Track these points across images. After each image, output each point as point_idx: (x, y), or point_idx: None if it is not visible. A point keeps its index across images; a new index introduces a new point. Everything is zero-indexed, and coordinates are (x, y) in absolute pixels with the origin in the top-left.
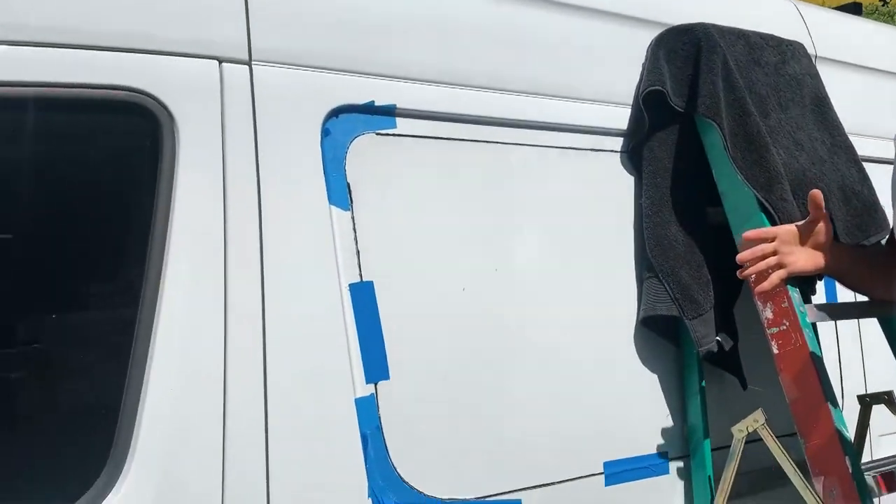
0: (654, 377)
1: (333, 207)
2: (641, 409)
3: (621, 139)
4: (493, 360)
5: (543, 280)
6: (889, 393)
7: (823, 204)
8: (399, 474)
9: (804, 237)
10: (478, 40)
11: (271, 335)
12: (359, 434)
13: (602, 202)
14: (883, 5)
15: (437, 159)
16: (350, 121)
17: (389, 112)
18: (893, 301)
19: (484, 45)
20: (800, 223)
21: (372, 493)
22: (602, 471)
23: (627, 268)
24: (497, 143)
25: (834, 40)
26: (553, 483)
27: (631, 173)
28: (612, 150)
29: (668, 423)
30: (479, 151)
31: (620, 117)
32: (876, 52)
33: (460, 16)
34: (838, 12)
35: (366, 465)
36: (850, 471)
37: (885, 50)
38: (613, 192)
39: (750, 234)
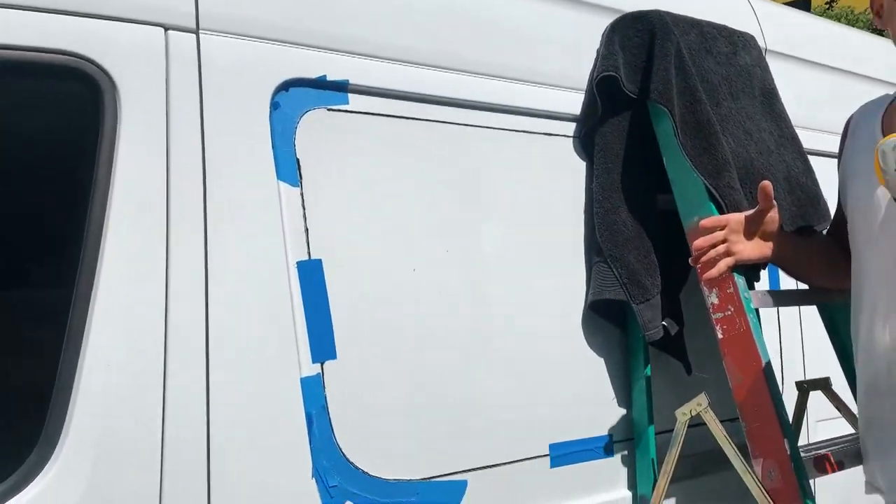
0: (601, 361)
1: (282, 183)
2: (588, 392)
3: (574, 124)
4: (441, 342)
5: (494, 263)
6: (826, 379)
7: (772, 195)
8: (344, 455)
9: (752, 226)
10: (436, 19)
11: (214, 312)
12: (304, 414)
13: (554, 186)
14: (829, 8)
15: (391, 138)
16: (301, 95)
17: (342, 87)
18: (831, 289)
19: (442, 24)
20: (749, 212)
21: (316, 473)
22: (548, 453)
23: (578, 252)
24: (451, 123)
25: (784, 35)
26: (499, 464)
27: (583, 158)
28: (565, 135)
29: (614, 406)
30: (434, 131)
31: (575, 102)
32: (823, 48)
33: None
34: (789, 7)
35: (310, 445)
36: (789, 453)
37: (831, 46)
38: (565, 176)
39: (706, 222)
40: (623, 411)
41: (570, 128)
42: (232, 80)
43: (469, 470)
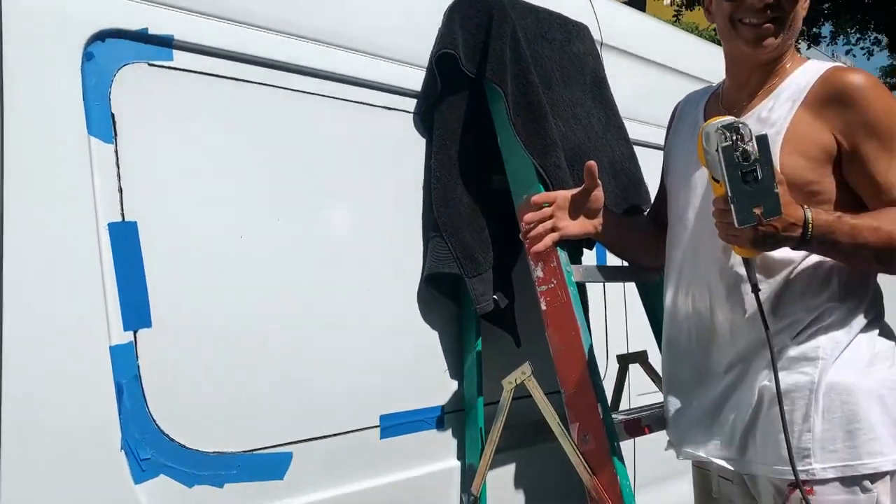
0: (435, 334)
1: (93, 139)
2: (421, 364)
3: (415, 100)
4: (266, 311)
5: (327, 234)
6: (643, 353)
7: (597, 174)
8: (158, 426)
9: (578, 204)
10: None
11: (10, 273)
12: (113, 383)
13: (393, 161)
14: (675, 21)
15: (218, 99)
16: (118, 46)
17: (166, 43)
18: (651, 267)
19: None
20: (575, 190)
21: (126, 445)
22: (378, 424)
23: (415, 226)
24: (285, 88)
25: (619, 30)
26: (327, 436)
27: (423, 135)
28: (405, 111)
29: (446, 378)
30: (266, 96)
31: (416, 78)
32: (653, 45)
33: None
34: (625, 6)
35: (119, 416)
36: (602, 418)
37: (662, 45)
38: (405, 151)
39: (535, 198)
40: (455, 383)
41: (412, 104)
42: (38, 25)
43: (294, 442)
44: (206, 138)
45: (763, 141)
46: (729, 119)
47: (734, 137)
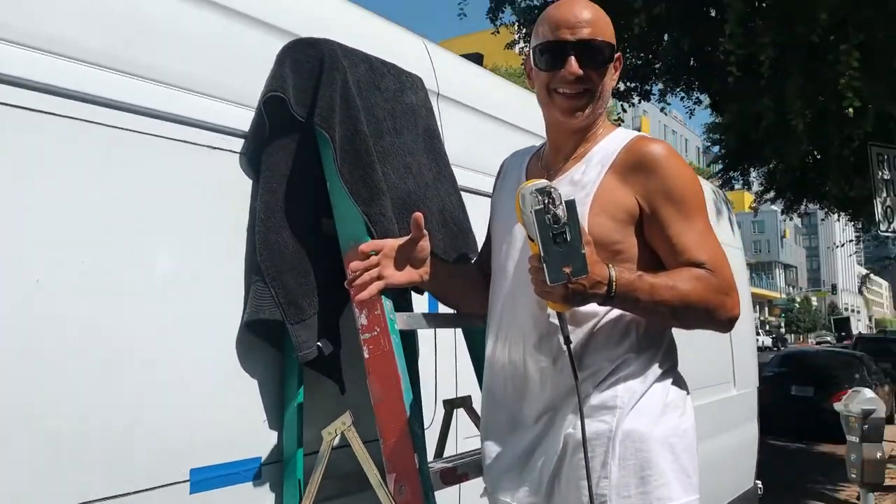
0: (254, 382)
1: None
2: (239, 414)
3: (243, 140)
4: (68, 359)
5: (139, 275)
6: (467, 398)
7: (423, 225)
8: None
9: (405, 253)
10: (95, 14)
11: None
12: None
13: (218, 202)
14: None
15: (32, 132)
16: None
17: None
18: (477, 314)
19: (103, 21)
20: (402, 240)
21: None
22: (188, 478)
23: (237, 270)
24: (108, 126)
25: (456, 82)
26: (131, 493)
27: (249, 176)
28: (231, 151)
29: (265, 428)
30: (86, 131)
31: (245, 118)
32: (490, 98)
33: None
34: (462, 58)
35: None
36: (418, 467)
37: (497, 98)
38: (230, 192)
39: (363, 246)
40: (274, 433)
41: (239, 144)
42: None
43: (96, 501)
44: (8, 171)
45: (571, 206)
46: (542, 183)
47: (546, 201)
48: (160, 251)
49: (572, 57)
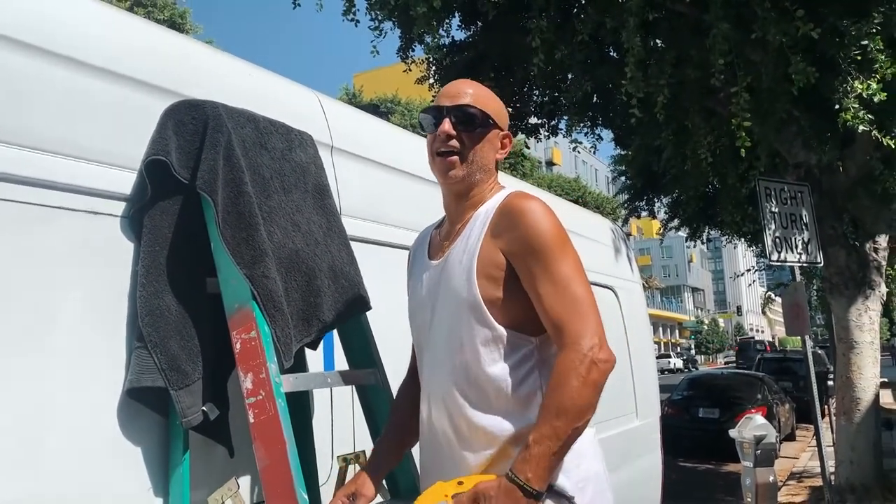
0: (138, 450)
1: None
2: (121, 484)
3: (124, 204)
4: None
5: (20, 345)
6: (361, 452)
7: None
8: None
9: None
10: None
11: None
12: None
13: (97, 267)
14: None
15: None
16: None
17: None
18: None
19: None
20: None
21: None
22: None
23: (118, 337)
24: None
25: (350, 134)
26: None
27: (131, 240)
28: (111, 214)
29: (150, 497)
30: None
31: (125, 181)
32: (385, 148)
33: None
34: (358, 110)
35: None
36: None
37: (392, 148)
38: (110, 257)
39: None
40: (159, 501)
41: (120, 207)
42: None
43: None
44: None
45: None
46: None
47: None
48: (39, 320)
49: (447, 119)
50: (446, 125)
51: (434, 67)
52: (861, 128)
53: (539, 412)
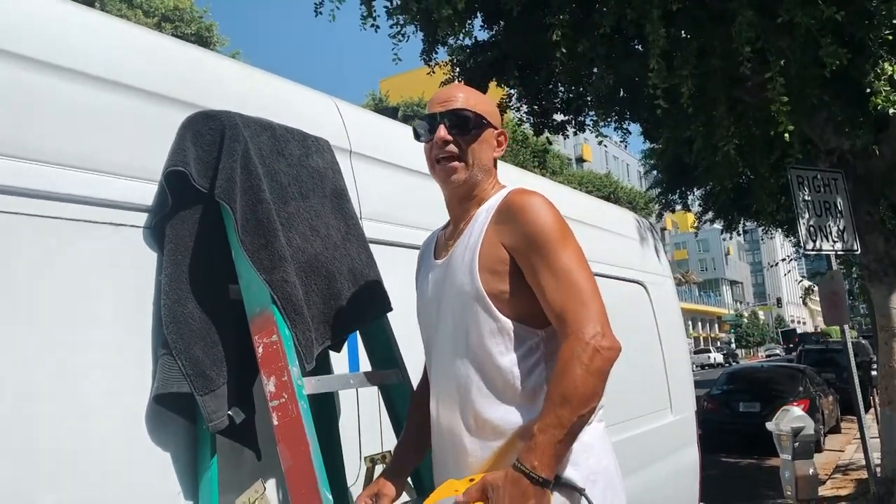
0: (167, 455)
1: None
2: (152, 489)
3: (146, 215)
4: None
5: (49, 356)
6: (387, 453)
7: None
8: None
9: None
10: None
11: None
12: None
13: (122, 278)
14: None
15: None
16: None
17: None
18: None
19: None
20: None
21: None
22: None
23: (144, 345)
24: (7, 213)
25: (368, 138)
26: None
27: (154, 250)
28: (134, 226)
29: (180, 501)
30: None
31: (146, 193)
32: (403, 151)
33: None
34: (376, 114)
35: None
36: None
37: (414, 150)
38: (134, 267)
39: None
40: None
41: (142, 218)
42: None
43: None
44: None
45: None
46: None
47: None
48: (68, 331)
49: (441, 125)
50: (442, 131)
51: (458, 69)
52: (892, 111)
53: (544, 401)
